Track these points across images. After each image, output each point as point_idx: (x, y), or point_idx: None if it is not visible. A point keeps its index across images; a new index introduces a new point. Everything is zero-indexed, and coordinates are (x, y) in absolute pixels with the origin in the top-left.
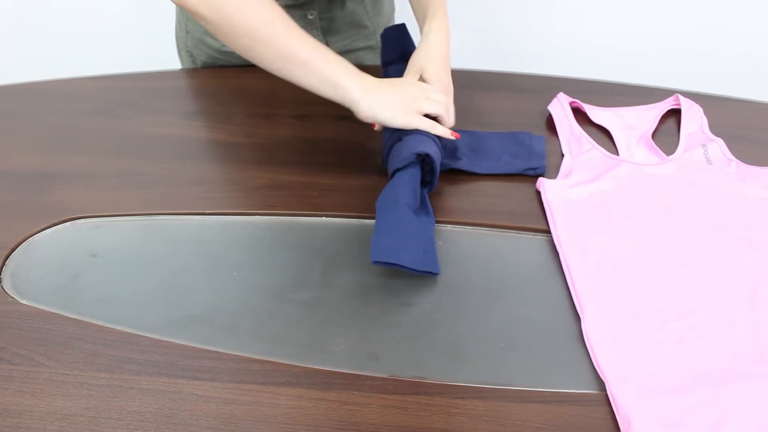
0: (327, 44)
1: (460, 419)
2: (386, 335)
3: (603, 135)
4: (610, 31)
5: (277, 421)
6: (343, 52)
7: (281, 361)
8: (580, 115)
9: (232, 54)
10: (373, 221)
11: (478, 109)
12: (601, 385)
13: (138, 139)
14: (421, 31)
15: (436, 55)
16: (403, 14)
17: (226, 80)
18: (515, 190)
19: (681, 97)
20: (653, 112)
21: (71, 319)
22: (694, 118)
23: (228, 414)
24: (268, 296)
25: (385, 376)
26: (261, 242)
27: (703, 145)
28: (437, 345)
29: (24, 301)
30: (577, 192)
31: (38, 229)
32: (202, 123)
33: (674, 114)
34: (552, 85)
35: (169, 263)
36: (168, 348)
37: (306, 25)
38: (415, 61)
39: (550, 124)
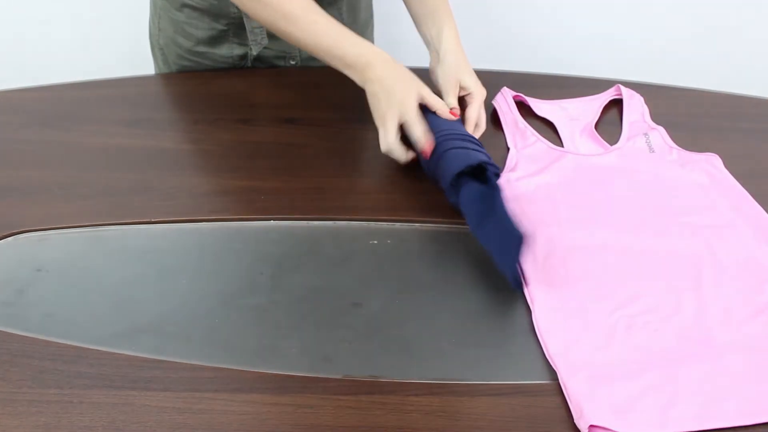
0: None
1: (414, 416)
2: (338, 336)
3: (547, 127)
4: (551, 24)
5: (231, 428)
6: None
7: (234, 368)
8: (524, 108)
9: (202, 55)
10: (318, 223)
11: None
12: (553, 375)
13: (80, 150)
14: (429, 41)
15: (465, 65)
16: (381, 27)
17: (169, 88)
18: None
19: (622, 87)
20: (596, 103)
21: (17, 335)
22: (635, 108)
23: (181, 424)
24: (218, 303)
25: (339, 377)
26: (209, 249)
27: (645, 134)
28: (389, 344)
29: None
30: (523, 185)
31: None
32: (146, 131)
33: (616, 104)
34: (495, 80)
35: (117, 274)
36: (118, 360)
37: None
38: (450, 74)
39: (495, 119)
